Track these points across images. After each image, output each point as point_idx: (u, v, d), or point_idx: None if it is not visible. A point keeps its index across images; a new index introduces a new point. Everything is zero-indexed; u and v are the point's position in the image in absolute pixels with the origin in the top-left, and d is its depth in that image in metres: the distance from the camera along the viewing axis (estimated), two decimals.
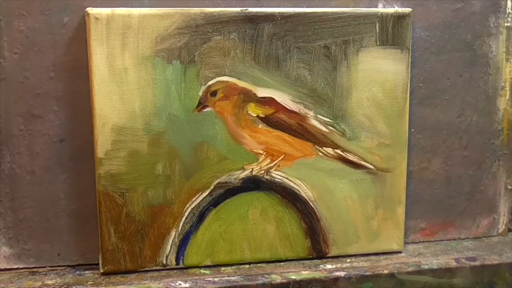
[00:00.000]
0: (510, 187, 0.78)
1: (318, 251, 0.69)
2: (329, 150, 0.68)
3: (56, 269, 0.66)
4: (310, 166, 0.67)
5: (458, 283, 0.69)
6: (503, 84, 0.75)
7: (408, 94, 0.69)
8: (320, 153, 0.67)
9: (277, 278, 0.64)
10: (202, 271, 0.66)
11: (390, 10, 0.67)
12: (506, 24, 0.74)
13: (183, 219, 0.65)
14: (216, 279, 0.64)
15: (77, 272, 0.66)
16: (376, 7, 0.69)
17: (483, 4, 0.73)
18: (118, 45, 0.61)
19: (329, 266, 0.68)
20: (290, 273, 0.66)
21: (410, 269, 0.68)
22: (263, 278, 0.64)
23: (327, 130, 0.67)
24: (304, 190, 0.68)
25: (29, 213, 0.65)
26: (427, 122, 0.73)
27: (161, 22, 0.61)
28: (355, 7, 0.68)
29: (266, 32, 0.64)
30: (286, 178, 0.67)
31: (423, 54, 0.72)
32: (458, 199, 0.76)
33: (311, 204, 0.68)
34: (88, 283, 0.63)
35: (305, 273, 0.66)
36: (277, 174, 0.67)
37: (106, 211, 0.63)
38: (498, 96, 0.75)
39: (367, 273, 0.67)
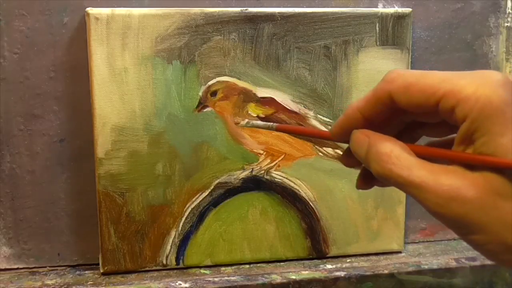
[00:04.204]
0: None
1: (318, 251, 0.69)
2: (329, 150, 0.68)
3: (56, 269, 0.66)
4: (310, 166, 0.67)
5: (458, 283, 0.69)
6: None
7: None
8: (320, 153, 0.67)
9: (277, 278, 0.64)
10: (202, 271, 0.66)
11: (390, 10, 0.67)
12: (506, 24, 0.74)
13: (183, 219, 0.65)
14: (216, 279, 0.64)
15: (77, 272, 0.66)
16: (376, 7, 0.69)
17: (483, 4, 0.73)
18: (118, 45, 0.61)
19: (329, 266, 0.68)
20: (290, 273, 0.66)
21: (410, 269, 0.68)
22: (263, 278, 0.64)
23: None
24: (304, 190, 0.68)
25: (29, 213, 0.65)
26: None
27: (161, 22, 0.61)
28: (355, 7, 0.68)
29: (266, 32, 0.64)
30: (286, 178, 0.67)
31: (423, 54, 0.72)
32: None
33: (311, 204, 0.68)
34: (88, 283, 0.63)
35: (305, 273, 0.66)
36: (277, 174, 0.67)
37: (106, 211, 0.63)
38: None
39: (367, 273, 0.66)
